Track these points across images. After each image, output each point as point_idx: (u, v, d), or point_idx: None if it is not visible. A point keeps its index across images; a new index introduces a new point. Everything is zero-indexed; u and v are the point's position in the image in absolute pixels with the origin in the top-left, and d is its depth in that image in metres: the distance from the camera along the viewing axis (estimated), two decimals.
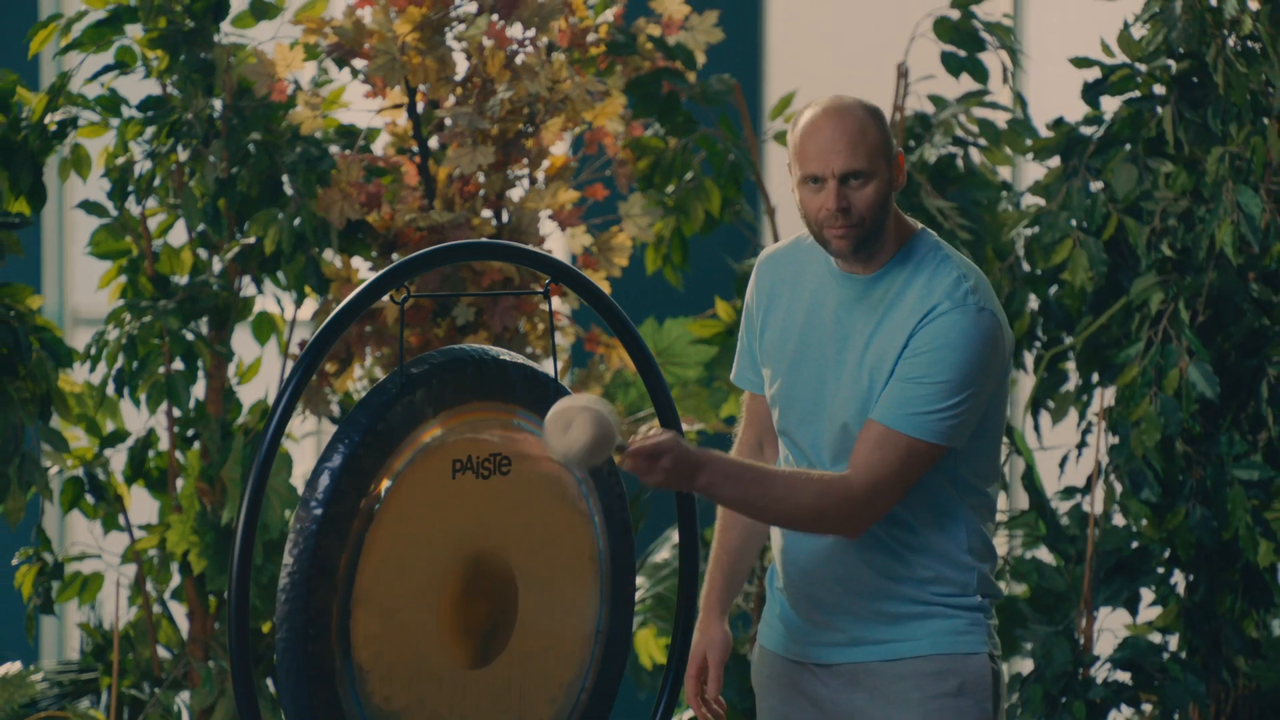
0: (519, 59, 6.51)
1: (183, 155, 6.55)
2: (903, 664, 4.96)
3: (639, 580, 6.31)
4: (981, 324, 4.74)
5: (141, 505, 6.91)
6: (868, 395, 4.85)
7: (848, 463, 4.79)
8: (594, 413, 4.62)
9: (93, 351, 6.58)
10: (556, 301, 6.37)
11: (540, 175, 6.61)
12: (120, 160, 6.59)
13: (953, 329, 4.76)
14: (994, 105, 6.69)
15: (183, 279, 6.65)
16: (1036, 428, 6.91)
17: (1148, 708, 6.68)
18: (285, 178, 6.53)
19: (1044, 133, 6.70)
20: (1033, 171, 6.99)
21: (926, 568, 4.98)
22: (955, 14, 6.67)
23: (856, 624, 4.98)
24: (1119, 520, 6.68)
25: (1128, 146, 6.57)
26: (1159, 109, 6.56)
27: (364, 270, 6.60)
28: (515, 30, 6.53)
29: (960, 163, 6.64)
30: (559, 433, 4.70)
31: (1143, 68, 6.59)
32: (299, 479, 6.60)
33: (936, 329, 4.77)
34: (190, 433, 6.66)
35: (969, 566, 4.98)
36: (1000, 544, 6.92)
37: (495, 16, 6.50)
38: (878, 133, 4.79)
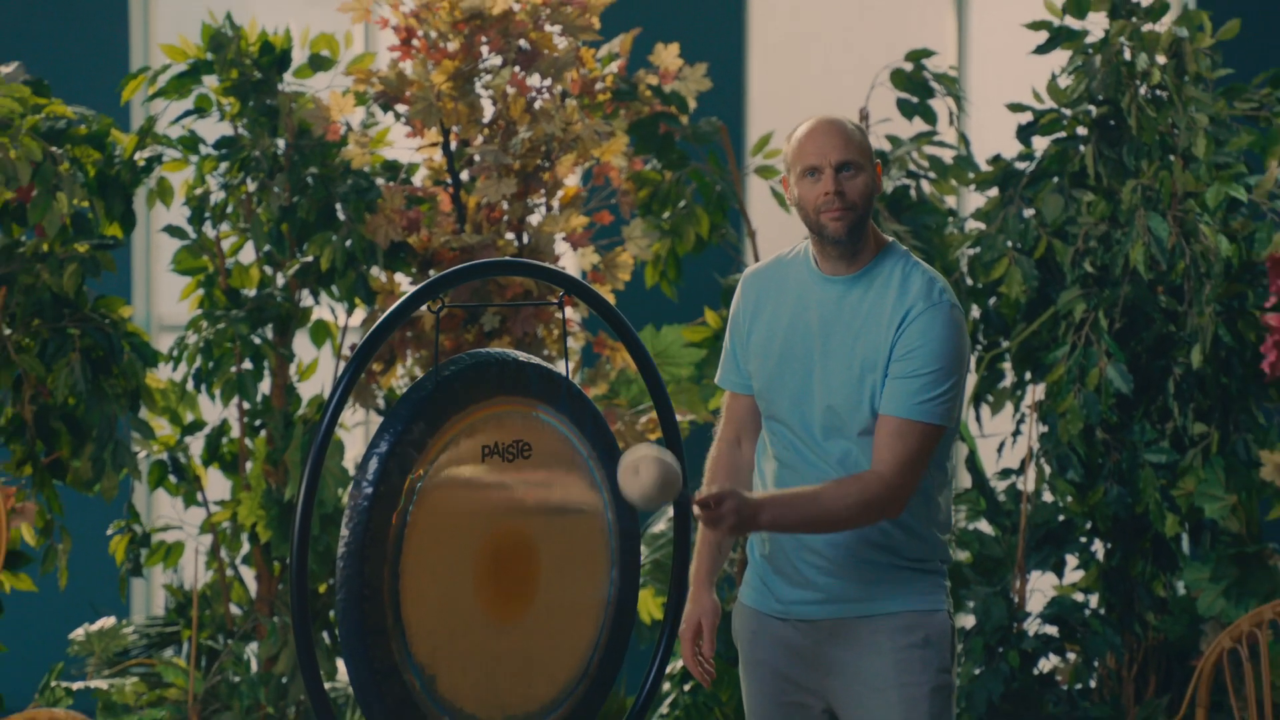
0: (537, 104, 6.51)
1: (251, 186, 6.56)
2: (877, 620, 4.94)
3: (639, 548, 6.24)
4: (955, 317, 4.81)
5: (216, 484, 6.92)
6: (858, 380, 4.86)
7: (873, 459, 4.83)
8: (659, 460, 4.62)
9: (175, 353, 6.59)
10: (569, 311, 6.46)
11: (555, 203, 6.59)
12: (198, 191, 6.61)
13: (934, 324, 4.80)
14: (941, 144, 6.71)
15: (251, 291, 6.64)
16: (978, 418, 6.95)
17: (1072, 656, 6.68)
18: (338, 206, 6.53)
19: (984, 167, 6.73)
20: (974, 200, 7.01)
21: (903, 539, 4.95)
22: (909, 66, 6.69)
23: (838, 585, 4.95)
24: (1048, 497, 6.69)
25: (1055, 179, 6.59)
26: (1081, 147, 6.59)
27: (405, 284, 6.60)
28: (534, 80, 6.55)
29: (913, 193, 6.67)
30: (630, 476, 4.70)
31: (1068, 112, 6.62)
32: (350, 462, 6.62)
33: (920, 327, 4.81)
34: (257, 422, 6.64)
35: (935, 537, 4.98)
36: None
37: (517, 68, 6.50)
38: (863, 137, 4.86)
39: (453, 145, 6.49)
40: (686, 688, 6.32)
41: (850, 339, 4.87)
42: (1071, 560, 6.67)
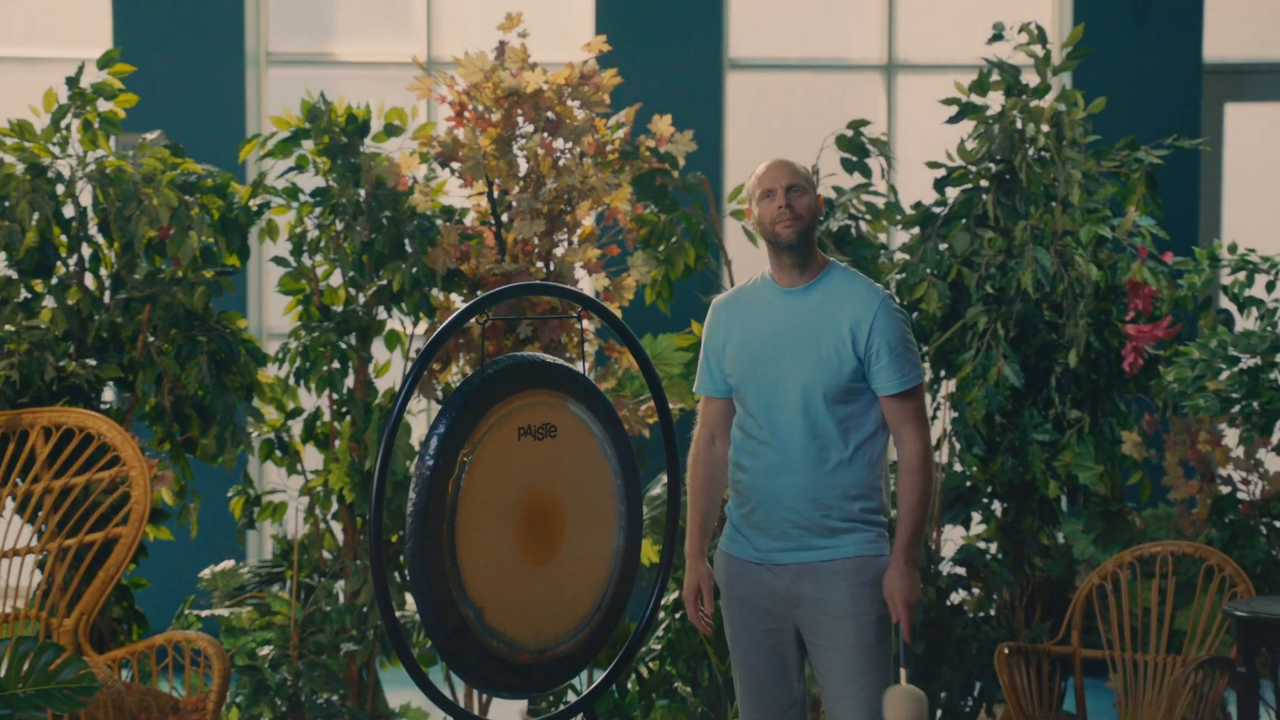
0: (561, 162, 6.50)
1: (339, 226, 6.54)
2: (835, 563, 4.96)
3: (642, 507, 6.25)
4: (896, 306, 4.97)
5: (312, 457, 6.98)
6: (826, 362, 4.94)
7: (897, 437, 5.00)
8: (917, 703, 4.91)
9: (280, 355, 6.60)
10: (585, 323, 6.34)
11: (575, 239, 6.57)
12: (298, 229, 6.60)
13: (890, 317, 4.94)
14: (875, 193, 6.66)
15: (338, 308, 6.62)
16: None
17: (976, 591, 6.63)
18: (406, 241, 6.51)
19: (908, 211, 6.69)
20: (900, 237, 6.98)
21: (855, 497, 4.99)
22: (849, 133, 6.65)
23: (804, 535, 4.97)
24: (958, 467, 6.66)
25: (963, 220, 6.56)
26: (984, 196, 6.56)
27: (458, 302, 6.54)
28: (559, 143, 6.53)
29: (853, 231, 6.61)
30: (906, 706, 4.94)
31: (973, 168, 6.59)
32: (416, 440, 6.62)
33: (881, 322, 4.94)
34: (343, 409, 6.62)
35: (879, 497, 5.03)
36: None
37: (545, 134, 6.49)
38: (806, 171, 5.03)
39: (495, 194, 6.48)
40: (677, 616, 6.33)
41: (814, 333, 4.93)
42: (976, 516, 6.66)
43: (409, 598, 6.50)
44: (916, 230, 6.60)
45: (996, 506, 6.61)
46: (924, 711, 4.92)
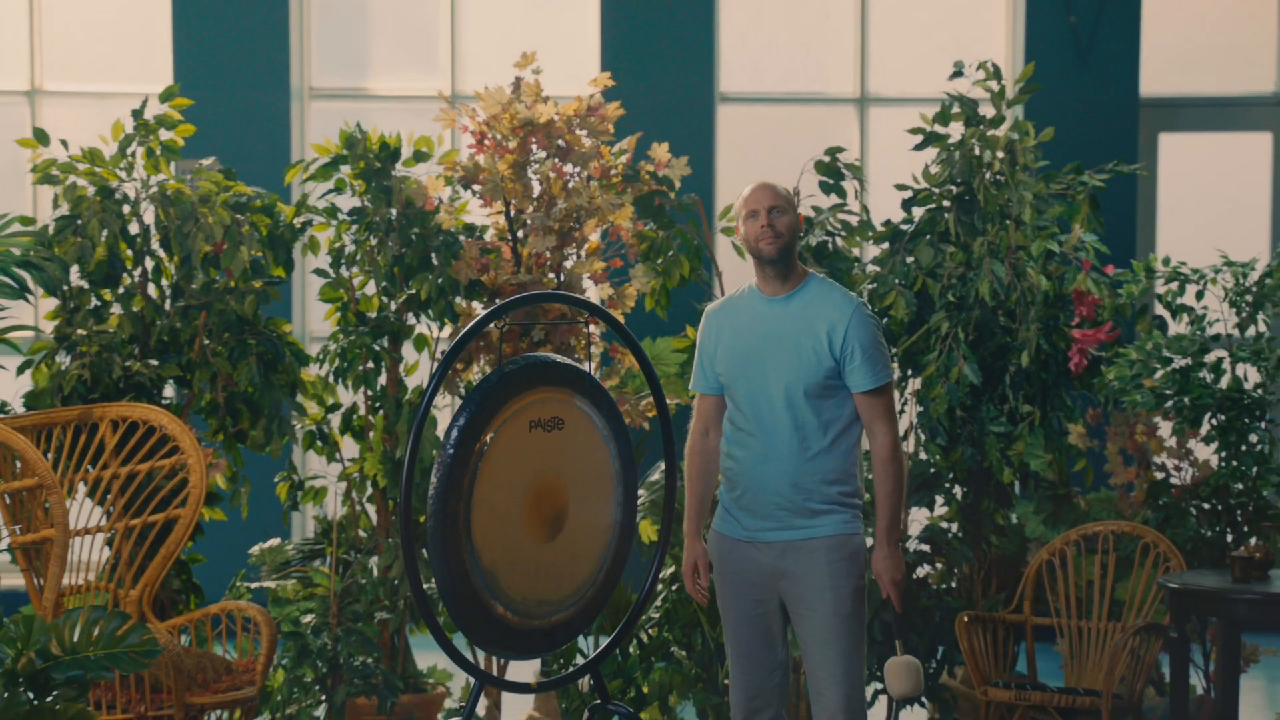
0: (570, 184, 6.49)
1: (373, 242, 6.52)
2: (815, 541, 4.96)
3: (640, 491, 6.27)
4: (868, 312, 4.97)
5: (349, 447, 6.86)
6: (805, 361, 4.95)
7: (870, 431, 4.99)
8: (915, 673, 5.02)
9: (321, 356, 6.59)
10: (592, 328, 6.43)
11: (583, 253, 6.56)
12: (337, 245, 6.57)
13: (863, 322, 4.95)
14: (849, 212, 6.64)
15: (373, 314, 6.59)
16: None
17: (939, 566, 6.62)
18: (433, 255, 6.49)
19: (879, 228, 6.67)
20: (872, 251, 6.99)
21: (832, 482, 4.98)
22: (827, 158, 6.62)
23: (788, 516, 4.97)
24: (923, 456, 6.63)
25: (928, 236, 6.54)
26: (946, 214, 6.54)
27: (479, 309, 6.52)
28: (568, 168, 6.52)
29: (830, 246, 6.59)
30: (910, 681, 5.05)
31: (936, 190, 6.56)
32: (440, 432, 6.47)
33: (855, 326, 4.94)
34: (377, 404, 6.59)
35: (854, 482, 5.03)
36: None
37: (556, 160, 6.49)
38: (787, 193, 5.02)
39: (512, 213, 6.47)
40: (674, 588, 6.32)
41: (796, 337, 4.93)
42: (939, 500, 6.64)
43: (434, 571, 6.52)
44: (886, 245, 6.59)
45: (957, 491, 6.60)
46: (922, 679, 5.04)
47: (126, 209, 6.34)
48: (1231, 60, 9.30)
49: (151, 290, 6.42)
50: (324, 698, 6.29)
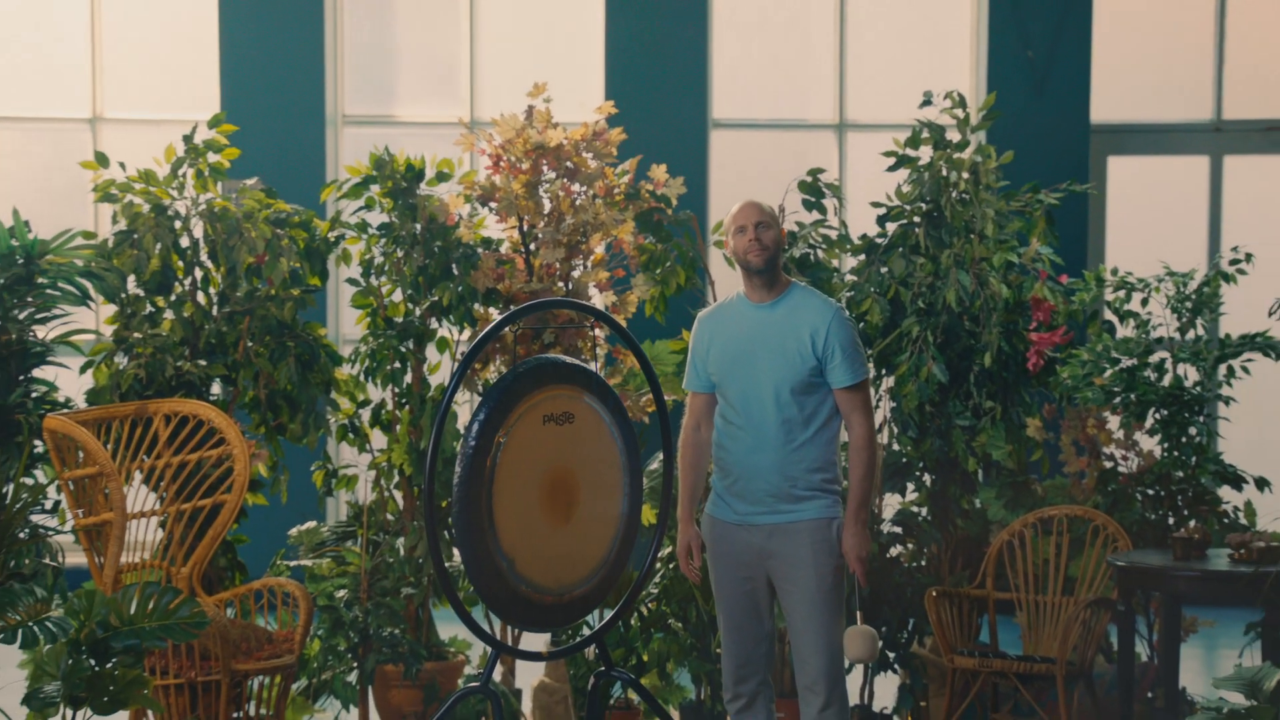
0: (578, 202, 6.49)
1: (399, 254, 6.51)
2: (800, 524, 4.98)
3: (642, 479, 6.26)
4: (849, 318, 5.00)
5: (378, 439, 6.91)
6: (791, 362, 4.95)
7: (849, 423, 4.99)
8: (874, 644, 4.99)
9: (353, 357, 6.58)
10: (597, 331, 6.43)
11: (589, 264, 6.55)
12: (367, 256, 6.55)
13: (842, 324, 4.97)
14: (829, 227, 6.64)
15: (399, 319, 6.57)
16: None
17: (910, 546, 6.60)
18: (454, 265, 6.48)
19: (856, 241, 6.65)
20: (850, 262, 6.96)
21: (815, 470, 5.00)
22: (809, 178, 6.61)
23: (775, 502, 4.98)
24: (896, 447, 6.62)
25: (900, 249, 6.53)
26: (916, 229, 6.53)
27: (495, 314, 6.51)
28: (576, 187, 6.51)
29: (812, 258, 6.59)
30: (867, 645, 5.01)
31: (908, 207, 6.55)
32: (461, 425, 6.54)
33: (835, 328, 4.96)
34: (403, 400, 6.58)
35: (834, 470, 5.04)
36: None
37: (565, 180, 6.48)
38: (772, 210, 5.04)
39: (525, 227, 6.47)
40: (671, 566, 6.32)
41: (781, 339, 4.95)
42: (910, 486, 6.63)
43: (456, 551, 6.50)
44: (862, 257, 6.58)
45: (926, 478, 6.59)
46: (877, 646, 5.00)
47: (178, 224, 6.34)
48: (1173, 91, 9.31)
49: (200, 298, 6.43)
50: (355, 665, 6.29)
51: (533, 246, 6.48)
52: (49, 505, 6.07)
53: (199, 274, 6.41)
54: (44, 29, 9.24)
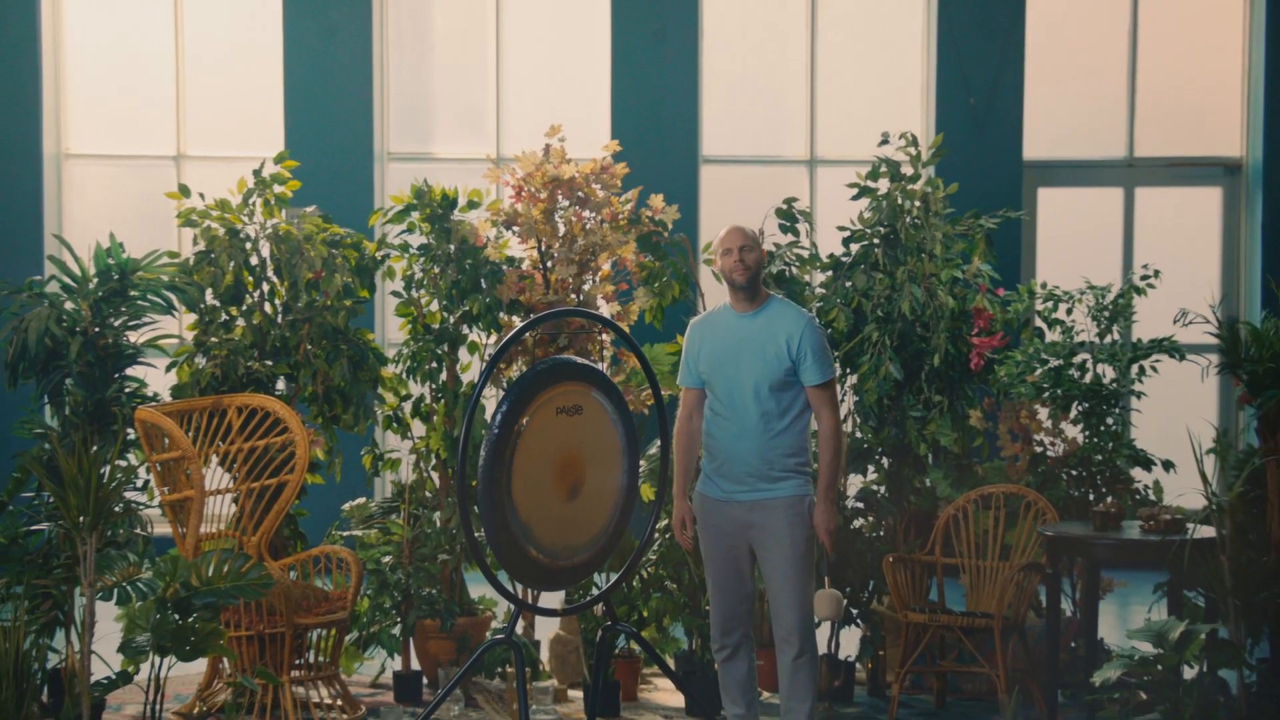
0: (588, 226, 6.48)
1: (436, 270, 6.48)
2: (777, 500, 4.98)
3: (640, 462, 6.30)
4: (819, 325, 4.99)
5: (418, 427, 6.82)
6: (769, 364, 4.92)
7: (818, 416, 4.95)
8: (839, 604, 5.04)
9: (396, 358, 6.56)
10: (604, 336, 6.39)
11: (597, 279, 6.54)
12: (408, 272, 6.53)
13: (813, 331, 4.95)
14: (802, 248, 6.62)
15: (436, 325, 6.55)
16: None
17: (871, 519, 6.58)
18: (482, 280, 6.47)
19: (825, 259, 6.64)
20: (819, 277, 6.95)
21: (789, 454, 4.99)
22: (785, 206, 6.59)
23: (756, 481, 4.98)
24: (859, 435, 6.61)
25: (862, 266, 6.52)
26: (876, 249, 6.52)
27: (517, 322, 6.50)
28: (586, 213, 6.49)
29: (787, 273, 6.59)
30: (834, 604, 5.05)
31: (869, 231, 6.55)
32: (488, 416, 6.45)
33: (806, 334, 4.94)
34: (439, 395, 6.56)
35: (806, 454, 5.01)
36: None
37: (577, 207, 6.47)
38: (755, 234, 5.02)
39: (543, 247, 6.46)
40: (667, 536, 6.32)
41: (761, 344, 4.93)
42: (871, 468, 6.63)
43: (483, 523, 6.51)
44: (830, 273, 6.58)
45: (884, 461, 6.58)
46: (842, 604, 5.00)
47: (248, 245, 6.34)
48: (1093, 132, 9.31)
49: (267, 307, 6.42)
50: (399, 620, 6.30)
51: (549, 264, 6.48)
52: (140, 484, 6.08)
53: (266, 287, 6.41)
54: (136, 84, 9.25)
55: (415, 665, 6.39)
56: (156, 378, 6.48)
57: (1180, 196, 9.29)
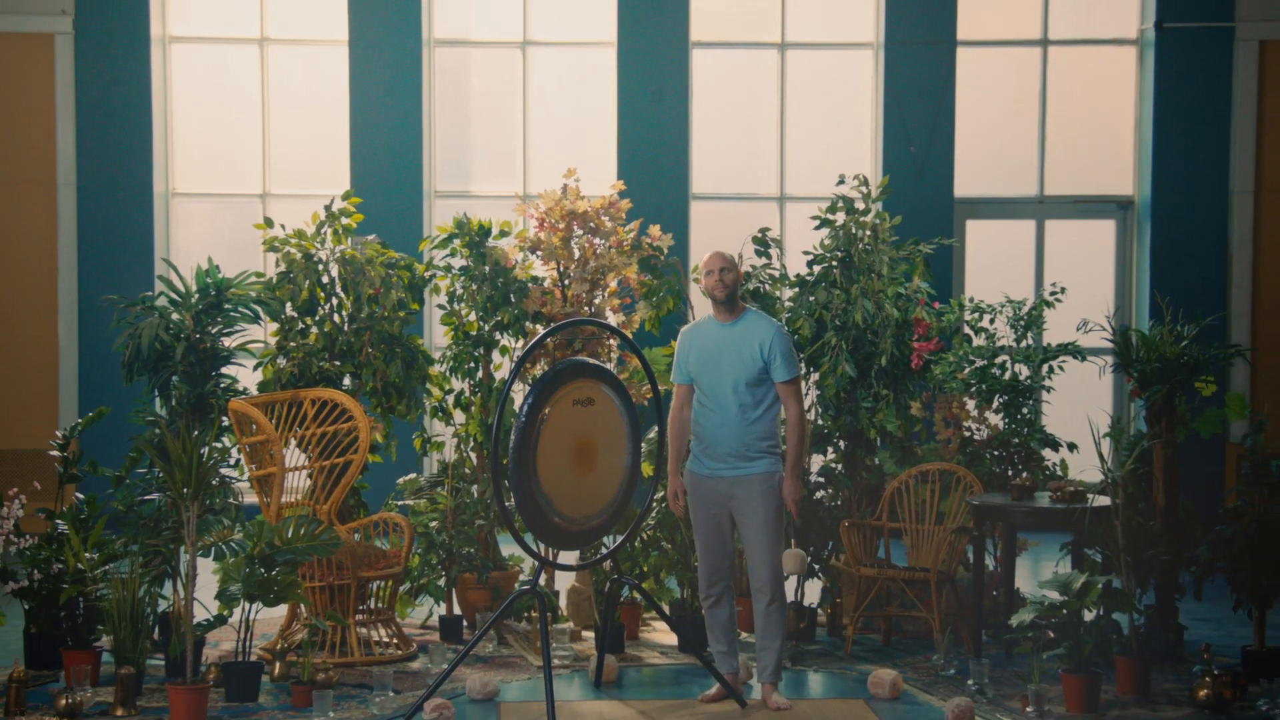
0: (598, 251, 6.46)
1: (474, 287, 6.45)
2: (752, 476, 4.96)
3: (641, 445, 6.23)
4: (786, 332, 4.98)
5: (459, 416, 6.77)
6: (746, 366, 4.89)
7: (785, 407, 4.90)
8: (802, 560, 5.10)
9: (441, 359, 6.52)
10: (611, 341, 6.39)
11: (606, 294, 6.52)
12: (451, 289, 6.50)
13: (782, 337, 4.92)
14: (773, 269, 6.59)
15: (473, 332, 6.51)
16: None
17: (830, 491, 6.53)
18: (511, 295, 6.43)
19: (792, 279, 6.60)
20: (788, 293, 6.93)
21: (763, 438, 4.97)
22: (759, 234, 6.56)
23: (735, 460, 4.96)
24: (820, 422, 6.55)
25: (823, 284, 6.48)
26: (835, 270, 6.47)
27: (540, 329, 6.47)
28: (597, 241, 6.47)
29: (761, 290, 6.55)
30: (798, 560, 5.11)
31: (828, 255, 6.50)
32: (516, 407, 6.42)
33: (776, 340, 4.91)
34: (476, 390, 6.53)
35: (776, 435, 4.99)
36: None
37: (589, 235, 6.44)
38: (733, 258, 4.97)
39: (561, 269, 6.43)
40: (662, 505, 6.30)
41: (739, 348, 4.91)
42: (830, 450, 6.57)
43: (513, 496, 6.49)
44: (797, 289, 6.55)
45: (841, 444, 6.55)
46: (806, 561, 5.01)
47: (320, 267, 6.32)
48: (1011, 173, 9.31)
49: (336, 318, 6.40)
50: (443, 573, 6.28)
51: (567, 282, 6.46)
52: (232, 462, 6.07)
53: (335, 301, 6.38)
54: (229, 135, 9.26)
55: (457, 610, 6.39)
56: (245, 375, 6.48)
57: (1081, 227, 9.29)
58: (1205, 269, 8.88)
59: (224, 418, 5.99)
